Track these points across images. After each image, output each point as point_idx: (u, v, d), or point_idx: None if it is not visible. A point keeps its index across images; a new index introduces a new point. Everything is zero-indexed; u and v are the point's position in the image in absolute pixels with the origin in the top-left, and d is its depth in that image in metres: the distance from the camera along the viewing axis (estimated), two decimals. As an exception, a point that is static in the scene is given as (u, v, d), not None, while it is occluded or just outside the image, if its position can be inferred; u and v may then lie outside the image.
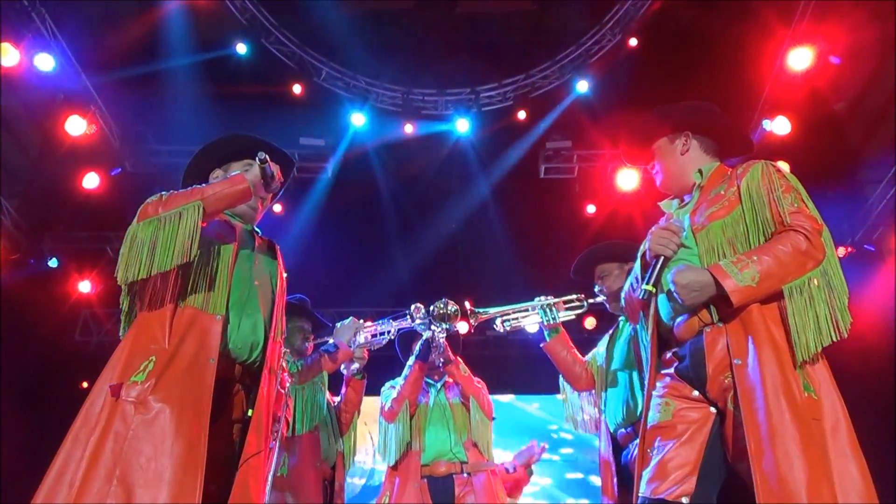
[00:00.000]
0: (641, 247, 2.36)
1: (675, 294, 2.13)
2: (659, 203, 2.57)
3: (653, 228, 2.33)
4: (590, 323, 8.63)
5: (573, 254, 3.58)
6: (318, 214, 8.44)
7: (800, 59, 6.84)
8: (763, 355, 1.96)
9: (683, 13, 7.29)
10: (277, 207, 8.34)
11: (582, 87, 8.16)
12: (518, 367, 8.76)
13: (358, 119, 8.32)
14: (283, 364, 2.60)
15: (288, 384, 2.52)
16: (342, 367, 3.83)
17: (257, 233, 2.57)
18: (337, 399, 4.22)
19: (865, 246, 7.81)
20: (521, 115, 8.22)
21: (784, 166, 7.73)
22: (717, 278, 2.04)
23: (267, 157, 2.25)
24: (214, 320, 2.16)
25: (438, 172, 8.95)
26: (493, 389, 8.95)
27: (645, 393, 2.26)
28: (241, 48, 7.77)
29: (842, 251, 7.95)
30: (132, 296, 2.19)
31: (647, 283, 2.22)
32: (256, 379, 2.25)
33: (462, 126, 8.39)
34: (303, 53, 8.15)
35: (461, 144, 8.65)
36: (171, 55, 7.58)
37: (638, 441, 2.23)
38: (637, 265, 2.40)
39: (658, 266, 2.23)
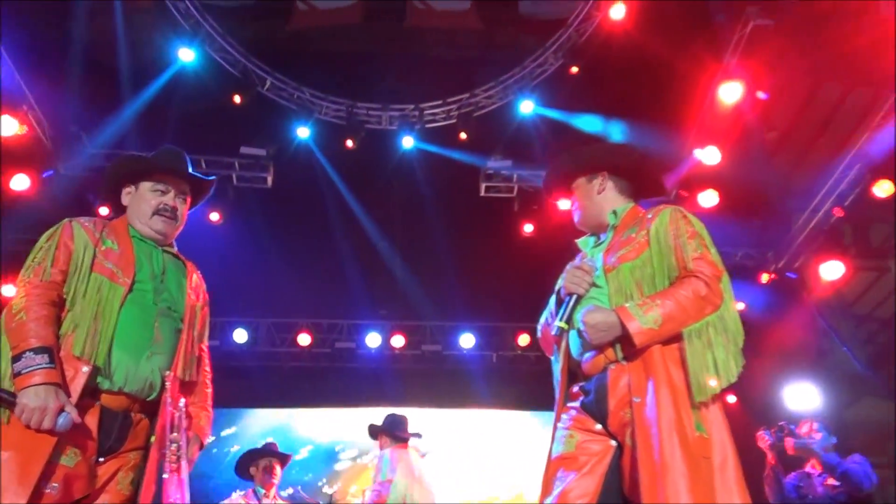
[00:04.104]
0: (556, 283, 2.47)
1: (583, 333, 2.24)
2: (576, 241, 2.68)
3: (568, 266, 2.43)
4: (523, 340, 8.77)
5: (510, 271, 3.64)
6: (257, 225, 8.37)
7: (730, 92, 7.11)
8: (660, 394, 2.07)
9: (622, 43, 7.52)
10: (215, 216, 8.24)
11: (525, 108, 8.31)
12: (452, 380, 8.87)
13: (303, 132, 8.32)
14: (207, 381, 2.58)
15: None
16: None
17: (170, 252, 2.53)
18: None
19: (788, 273, 8.12)
20: (463, 136, 8.31)
21: (713, 196, 7.86)
22: (623, 320, 2.15)
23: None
24: (80, 366, 2.13)
25: (383, 186, 8.98)
26: (427, 403, 8.89)
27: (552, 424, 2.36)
28: (187, 55, 7.64)
29: (766, 278, 8.27)
30: None
31: (560, 320, 2.33)
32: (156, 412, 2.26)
33: (407, 142, 8.47)
34: (247, 63, 8.10)
35: (406, 159, 8.71)
36: (110, 58, 7.43)
37: None
38: (552, 301, 2.51)
39: (571, 304, 2.34)
